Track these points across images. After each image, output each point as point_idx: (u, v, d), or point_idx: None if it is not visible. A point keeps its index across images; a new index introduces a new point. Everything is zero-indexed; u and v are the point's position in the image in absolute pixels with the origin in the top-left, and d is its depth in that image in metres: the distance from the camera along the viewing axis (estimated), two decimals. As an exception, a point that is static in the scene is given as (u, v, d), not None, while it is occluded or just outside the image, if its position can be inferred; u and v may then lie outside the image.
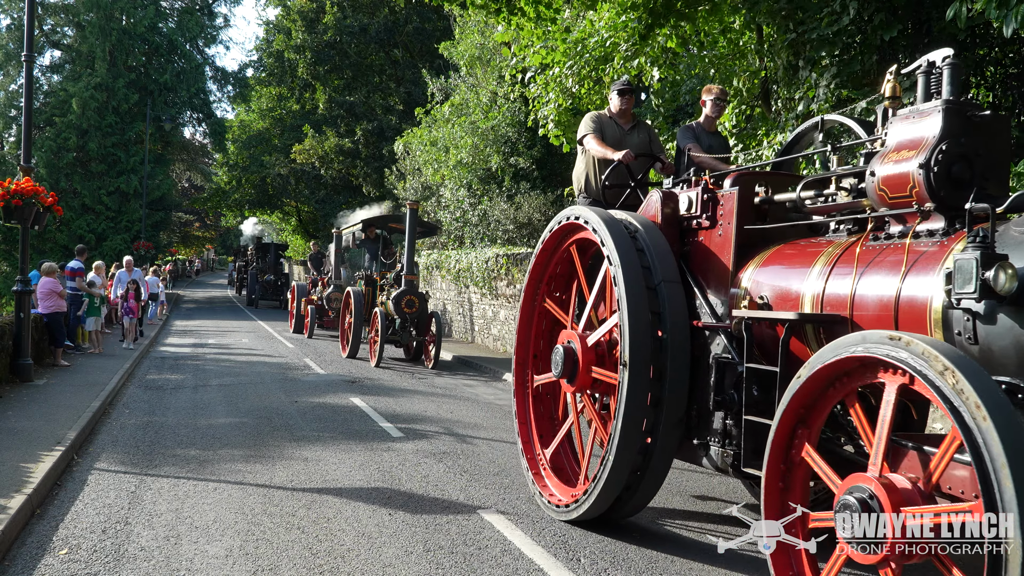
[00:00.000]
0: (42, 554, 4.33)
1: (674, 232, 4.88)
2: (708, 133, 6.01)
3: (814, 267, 3.93)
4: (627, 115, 6.26)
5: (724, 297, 4.51)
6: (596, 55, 10.10)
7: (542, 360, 5.94)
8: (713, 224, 4.64)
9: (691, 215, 4.77)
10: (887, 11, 7.22)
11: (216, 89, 41.04)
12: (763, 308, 4.11)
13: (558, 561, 4.43)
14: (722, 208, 4.58)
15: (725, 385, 4.32)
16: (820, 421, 3.38)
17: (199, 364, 13.44)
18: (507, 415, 9.17)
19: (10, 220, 9.51)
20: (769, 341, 4.12)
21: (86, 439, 7.14)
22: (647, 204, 5.12)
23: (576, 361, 5.06)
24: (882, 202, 3.71)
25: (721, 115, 6.20)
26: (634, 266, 4.56)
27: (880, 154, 3.74)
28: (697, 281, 4.73)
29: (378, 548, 4.53)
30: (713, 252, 4.63)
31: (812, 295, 3.87)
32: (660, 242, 4.74)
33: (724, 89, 6.25)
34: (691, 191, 4.79)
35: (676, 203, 4.89)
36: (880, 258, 3.63)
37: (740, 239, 4.45)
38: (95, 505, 5.22)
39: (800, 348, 3.93)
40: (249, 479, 5.93)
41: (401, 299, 13.24)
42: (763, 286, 4.22)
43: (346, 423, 8.30)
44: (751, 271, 4.36)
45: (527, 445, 5.84)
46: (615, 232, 4.72)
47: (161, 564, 4.21)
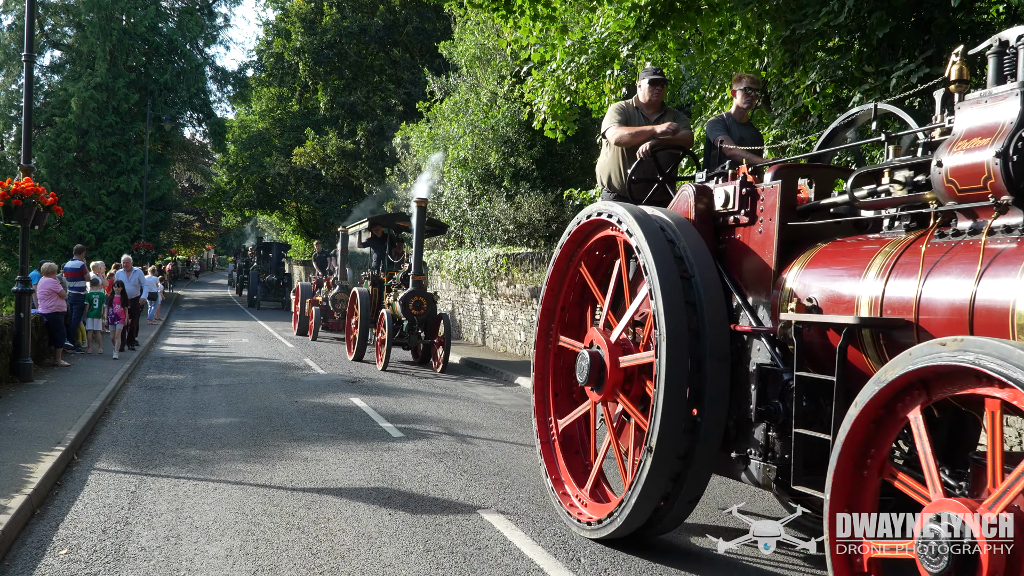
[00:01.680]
0: (42, 554, 4.33)
1: (708, 229, 4.53)
2: (739, 124, 5.68)
3: (870, 268, 3.59)
4: (655, 106, 5.88)
5: (765, 299, 4.18)
6: (596, 53, 10.10)
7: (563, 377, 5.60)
8: (752, 220, 4.29)
9: (728, 211, 4.42)
10: (884, 9, 7.22)
11: (216, 89, 41.10)
12: (811, 311, 3.77)
13: (558, 561, 4.43)
14: (762, 203, 4.23)
15: (768, 394, 4.00)
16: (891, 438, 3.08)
17: (199, 364, 13.45)
18: (507, 415, 9.18)
19: (10, 220, 9.52)
20: (818, 347, 3.81)
21: (86, 439, 7.14)
22: (678, 199, 4.76)
23: (602, 361, 4.70)
24: (950, 195, 3.35)
25: (752, 105, 5.86)
26: (667, 260, 4.21)
27: (947, 143, 3.37)
28: (734, 282, 4.38)
29: (378, 548, 4.54)
30: (752, 251, 4.28)
31: (870, 298, 3.52)
32: (695, 239, 4.39)
33: (755, 77, 5.88)
34: (727, 185, 4.44)
35: (711, 198, 4.55)
36: (949, 257, 3.27)
37: (782, 237, 4.11)
38: (95, 505, 5.22)
39: (856, 356, 3.60)
40: (249, 479, 5.94)
41: (409, 300, 12.87)
42: (811, 288, 3.87)
43: (346, 423, 8.30)
44: (796, 272, 4.01)
45: (550, 462, 5.44)
46: (646, 227, 4.36)
47: (161, 564, 4.21)
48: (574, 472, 5.33)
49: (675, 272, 4.19)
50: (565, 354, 5.57)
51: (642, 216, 4.48)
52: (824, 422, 3.53)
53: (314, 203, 36.78)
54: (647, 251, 4.24)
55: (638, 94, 5.92)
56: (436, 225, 16.74)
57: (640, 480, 4.16)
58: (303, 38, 34.61)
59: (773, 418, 3.95)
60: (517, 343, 16.07)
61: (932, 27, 7.34)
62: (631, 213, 4.50)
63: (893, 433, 3.06)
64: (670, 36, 9.60)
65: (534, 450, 7.24)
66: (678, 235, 4.39)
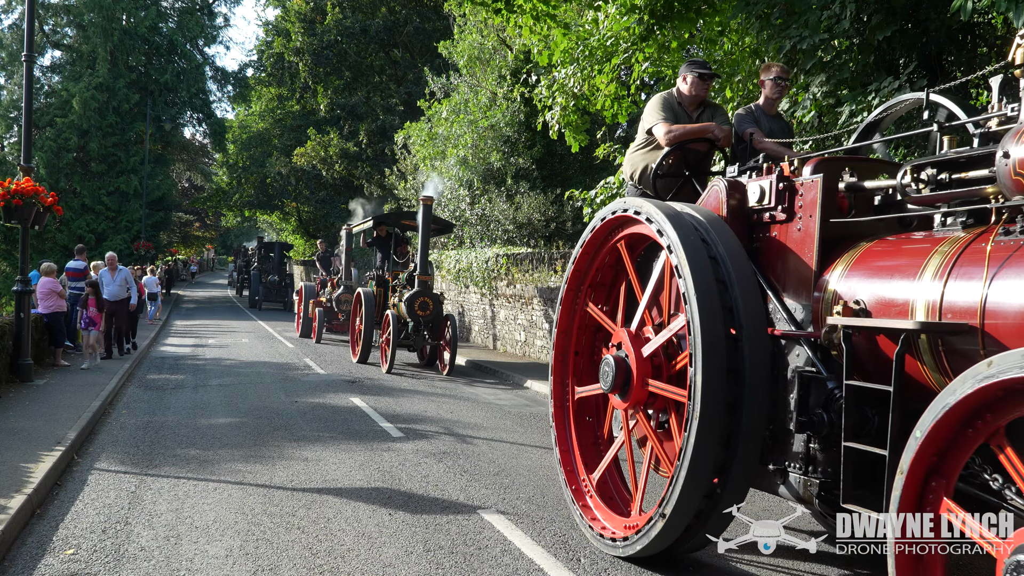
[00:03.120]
0: (42, 554, 4.33)
1: (741, 227, 4.26)
2: (768, 116, 5.40)
3: (926, 268, 3.31)
4: (698, 100, 5.51)
5: (804, 301, 3.91)
6: (599, 54, 10.11)
7: (584, 371, 5.31)
8: (790, 217, 4.01)
9: (762, 207, 4.15)
10: (885, 11, 7.22)
11: (216, 89, 41.20)
12: (858, 315, 3.50)
13: (558, 561, 4.43)
14: (801, 199, 3.95)
15: (810, 404, 3.74)
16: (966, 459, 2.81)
17: (199, 364, 13.45)
18: (507, 415, 9.18)
19: (10, 220, 9.52)
20: (867, 354, 3.55)
21: (86, 439, 7.14)
22: (708, 196, 4.48)
23: (629, 372, 4.42)
24: (1018, 189, 3.10)
25: (783, 96, 5.55)
26: (703, 262, 3.94)
27: (1015, 132, 3.12)
28: (769, 282, 4.11)
29: (378, 548, 4.54)
30: (790, 249, 4.01)
31: (926, 301, 3.24)
32: (730, 238, 4.11)
33: (785, 67, 5.51)
34: (762, 180, 4.16)
35: (743, 194, 4.27)
36: (1020, 257, 3.02)
37: (824, 235, 3.84)
38: (95, 505, 5.22)
39: (911, 364, 3.35)
40: (249, 479, 5.94)
41: (414, 301, 12.55)
42: (858, 290, 3.60)
43: (346, 423, 8.30)
44: (840, 272, 3.74)
45: (570, 472, 5.12)
46: (679, 225, 4.08)
47: (161, 564, 4.22)
48: (602, 491, 4.99)
49: (711, 275, 3.91)
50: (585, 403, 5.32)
51: (673, 213, 4.19)
52: (871, 434, 3.34)
53: (314, 203, 36.77)
54: (681, 252, 3.95)
55: (680, 86, 5.50)
56: (442, 224, 16.43)
57: (671, 497, 3.89)
58: (303, 38, 34.63)
59: (816, 429, 3.68)
60: (517, 343, 16.07)
61: (931, 27, 7.35)
62: (661, 210, 4.21)
63: (968, 453, 2.79)
64: (670, 36, 9.60)
65: (534, 450, 7.28)
66: (711, 234, 4.11)
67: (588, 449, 5.22)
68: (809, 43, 7.48)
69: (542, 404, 10.22)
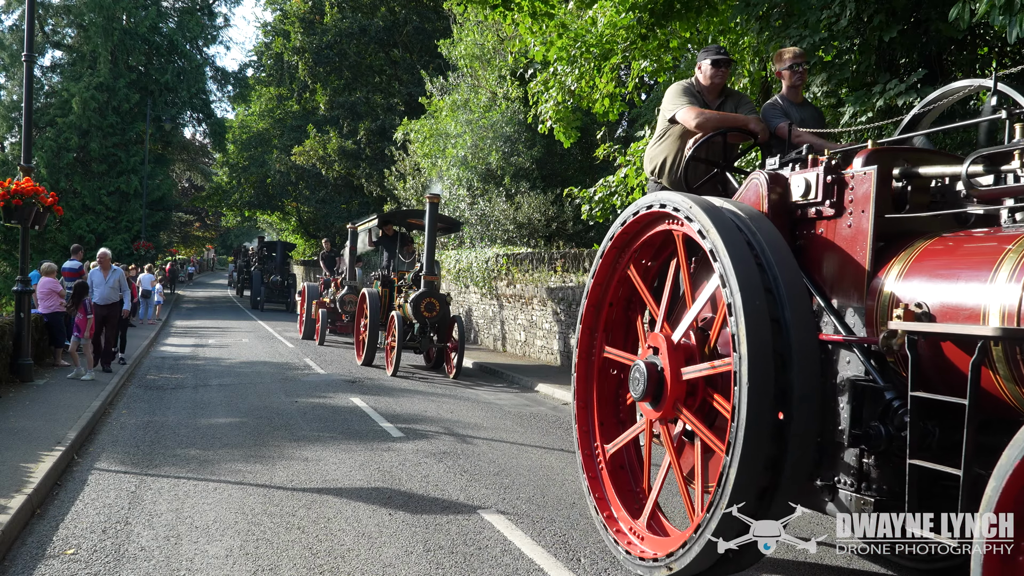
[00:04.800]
0: (42, 554, 4.33)
1: (783, 223, 3.93)
2: (796, 105, 5.12)
3: (999, 269, 3.04)
4: (717, 89, 5.20)
5: (855, 304, 3.62)
6: (596, 52, 10.11)
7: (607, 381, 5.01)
8: (839, 213, 3.69)
9: (808, 202, 3.83)
10: (886, 12, 7.22)
11: (216, 89, 41.24)
12: (921, 319, 3.19)
13: (558, 561, 4.43)
14: (852, 192, 3.63)
15: (865, 416, 3.45)
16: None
17: (199, 364, 13.45)
18: (507, 415, 9.18)
19: (10, 220, 9.53)
20: (930, 363, 3.26)
21: (86, 439, 7.14)
22: (746, 190, 4.16)
23: (662, 383, 4.11)
24: None
25: (804, 81, 5.23)
26: (749, 267, 3.59)
27: None
28: (815, 283, 3.80)
29: (378, 548, 4.54)
30: (839, 248, 3.69)
31: (1001, 306, 2.97)
32: (775, 238, 3.76)
33: (798, 50, 5.21)
34: (807, 172, 3.84)
35: (786, 187, 3.95)
36: None
37: (877, 232, 3.54)
38: (95, 505, 5.22)
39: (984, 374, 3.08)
40: (249, 479, 5.94)
41: (420, 302, 12.26)
42: (919, 293, 3.30)
43: (346, 423, 8.30)
44: (897, 273, 3.44)
45: (594, 481, 4.79)
46: (720, 223, 3.71)
47: (161, 564, 4.22)
48: (626, 502, 4.71)
49: (758, 281, 3.57)
50: (609, 376, 5.02)
51: (712, 209, 3.81)
52: (932, 448, 3.10)
53: (314, 203, 36.78)
54: (724, 255, 3.59)
55: (697, 76, 5.20)
56: (449, 222, 15.92)
57: (711, 520, 3.57)
58: (302, 38, 34.67)
59: (872, 443, 3.38)
60: (517, 343, 16.08)
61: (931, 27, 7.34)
62: (699, 205, 3.83)
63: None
64: (670, 35, 9.61)
65: (535, 450, 7.28)
66: (755, 233, 3.76)
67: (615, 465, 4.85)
68: (809, 43, 7.47)
69: (543, 404, 10.22)
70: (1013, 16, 5.41)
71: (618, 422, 4.98)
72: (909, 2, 7.25)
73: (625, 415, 5.00)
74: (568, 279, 13.74)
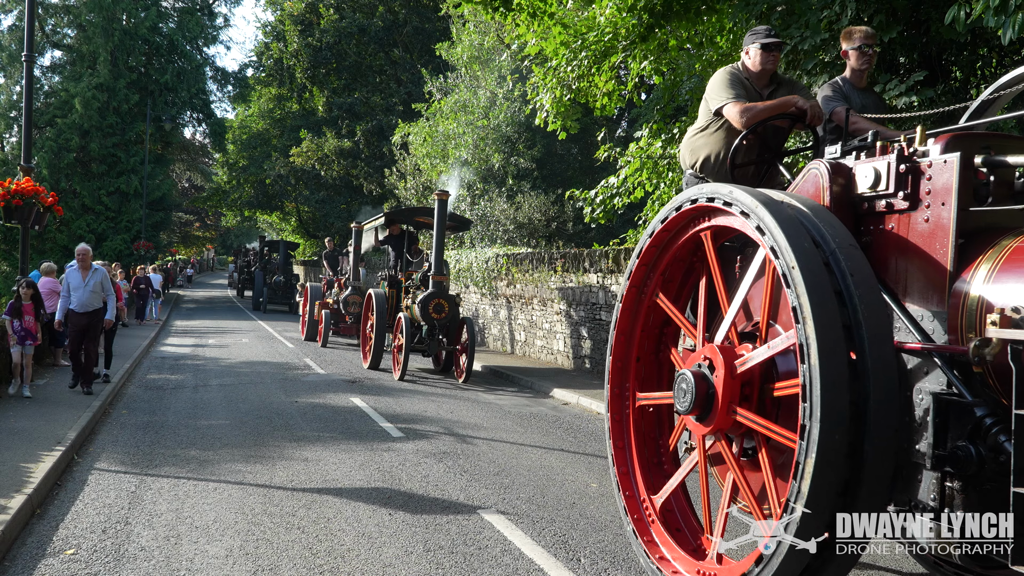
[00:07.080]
0: (42, 554, 4.34)
1: (847, 217, 3.54)
2: (858, 90, 4.75)
3: None
4: (767, 75, 4.75)
5: (935, 308, 3.25)
6: (595, 50, 10.11)
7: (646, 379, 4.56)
8: (915, 206, 3.32)
9: (877, 194, 3.45)
10: (886, 12, 7.22)
11: (216, 89, 41.23)
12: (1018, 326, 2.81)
13: (558, 561, 4.43)
14: (929, 183, 3.26)
15: (950, 435, 3.06)
16: None
17: (199, 364, 13.45)
18: (507, 415, 9.18)
19: (10, 220, 9.54)
20: None
21: (86, 439, 7.14)
22: (804, 181, 3.74)
23: (712, 395, 3.65)
24: None
25: (871, 65, 4.84)
26: (814, 262, 3.19)
27: None
28: (886, 285, 3.43)
29: (378, 548, 4.54)
30: (915, 245, 3.32)
31: None
32: (843, 236, 3.34)
33: (870, 31, 4.80)
34: (876, 161, 3.44)
35: (849, 178, 3.56)
36: None
37: (960, 228, 3.16)
38: (95, 505, 5.22)
39: None
40: (249, 479, 5.94)
41: (429, 303, 11.76)
42: (1016, 296, 2.94)
43: (346, 423, 8.30)
44: (985, 274, 3.08)
45: (631, 499, 4.32)
46: (782, 219, 3.29)
47: (161, 564, 4.22)
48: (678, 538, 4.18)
49: (828, 288, 3.16)
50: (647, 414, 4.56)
51: (772, 203, 3.39)
52: None
53: (314, 204, 36.77)
54: (791, 257, 3.17)
55: (744, 61, 4.77)
56: (459, 221, 15.26)
57: (776, 558, 3.17)
58: (299, 41, 34.69)
59: (960, 466, 2.99)
60: (517, 343, 16.09)
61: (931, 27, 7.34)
62: (758, 199, 3.43)
63: None
64: (669, 34, 9.61)
65: (534, 450, 7.28)
66: (820, 229, 3.35)
67: (649, 465, 4.47)
68: (810, 43, 7.47)
69: (543, 405, 10.22)
70: (1007, 17, 5.40)
71: (659, 463, 4.55)
72: (909, 3, 7.25)
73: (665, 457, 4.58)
74: (568, 279, 13.74)
